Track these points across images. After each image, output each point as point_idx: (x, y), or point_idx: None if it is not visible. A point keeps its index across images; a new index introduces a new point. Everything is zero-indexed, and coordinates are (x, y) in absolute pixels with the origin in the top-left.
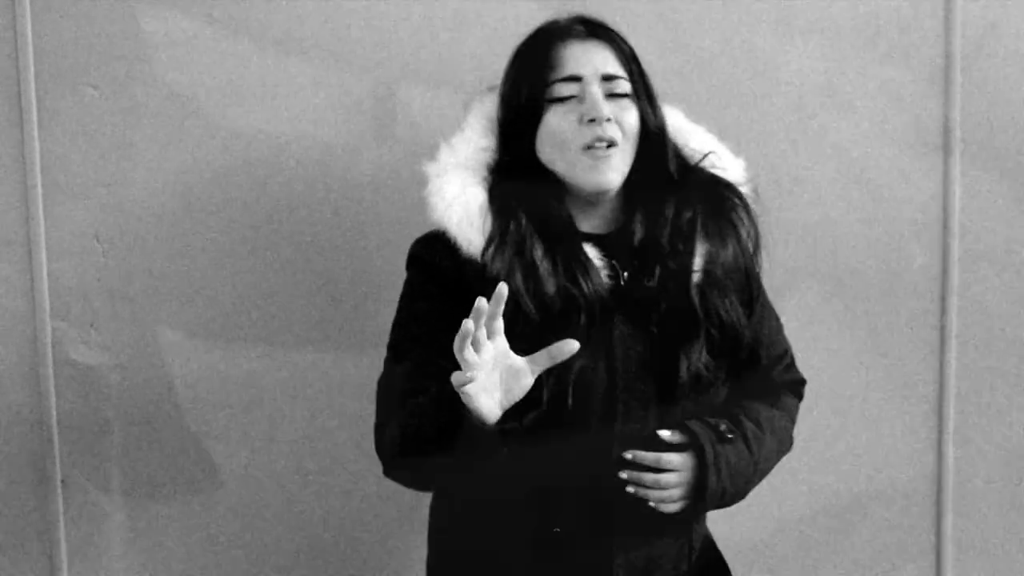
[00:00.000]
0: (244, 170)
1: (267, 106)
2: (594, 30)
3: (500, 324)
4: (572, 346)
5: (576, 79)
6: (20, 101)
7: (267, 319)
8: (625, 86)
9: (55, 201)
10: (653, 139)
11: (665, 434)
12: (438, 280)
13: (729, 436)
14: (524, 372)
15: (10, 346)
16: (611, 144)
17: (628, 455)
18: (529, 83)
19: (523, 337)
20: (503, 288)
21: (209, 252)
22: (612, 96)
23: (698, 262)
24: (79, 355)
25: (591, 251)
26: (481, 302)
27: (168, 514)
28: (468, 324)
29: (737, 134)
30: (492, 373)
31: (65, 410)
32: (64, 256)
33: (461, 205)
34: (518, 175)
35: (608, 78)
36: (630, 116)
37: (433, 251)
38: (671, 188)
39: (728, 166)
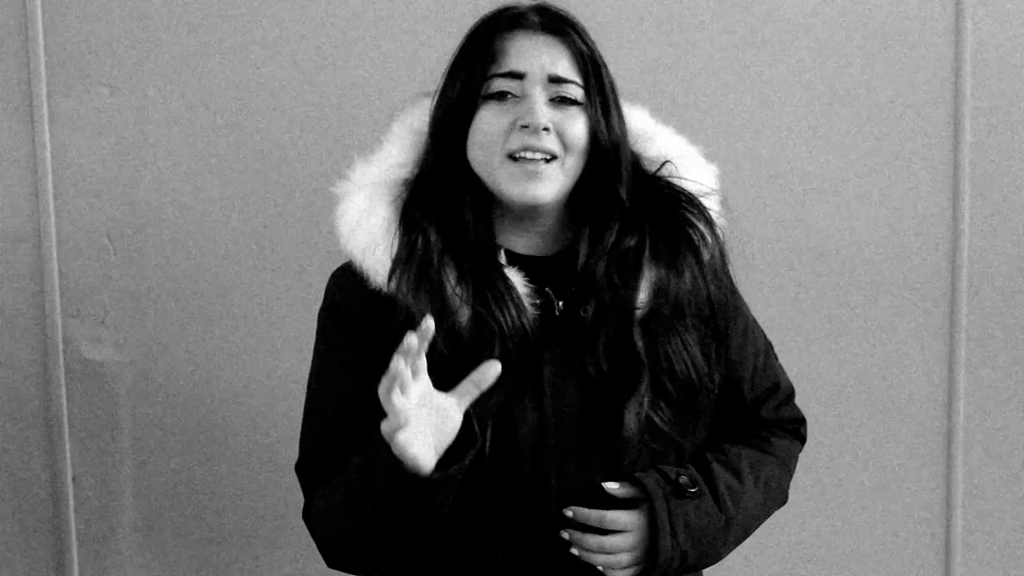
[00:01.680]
0: (255, 169)
1: (279, 105)
2: (550, 23)
3: (424, 362)
4: (495, 368)
5: (518, 76)
6: (31, 100)
7: (278, 317)
8: (575, 91)
9: (66, 199)
10: (604, 155)
11: (611, 487)
12: (349, 323)
13: (691, 490)
14: (451, 408)
15: (21, 343)
16: (551, 157)
17: (568, 512)
18: (465, 74)
19: (434, 376)
20: (429, 324)
21: (220, 250)
22: (559, 101)
23: (643, 296)
24: (90, 352)
25: (515, 275)
26: (411, 339)
27: (178, 512)
28: (399, 365)
29: (746, 138)
30: (420, 417)
31: (76, 407)
32: (75, 254)
33: (365, 230)
34: (441, 184)
35: (556, 80)
36: (576, 127)
37: (343, 287)
38: (618, 210)
39: (692, 174)
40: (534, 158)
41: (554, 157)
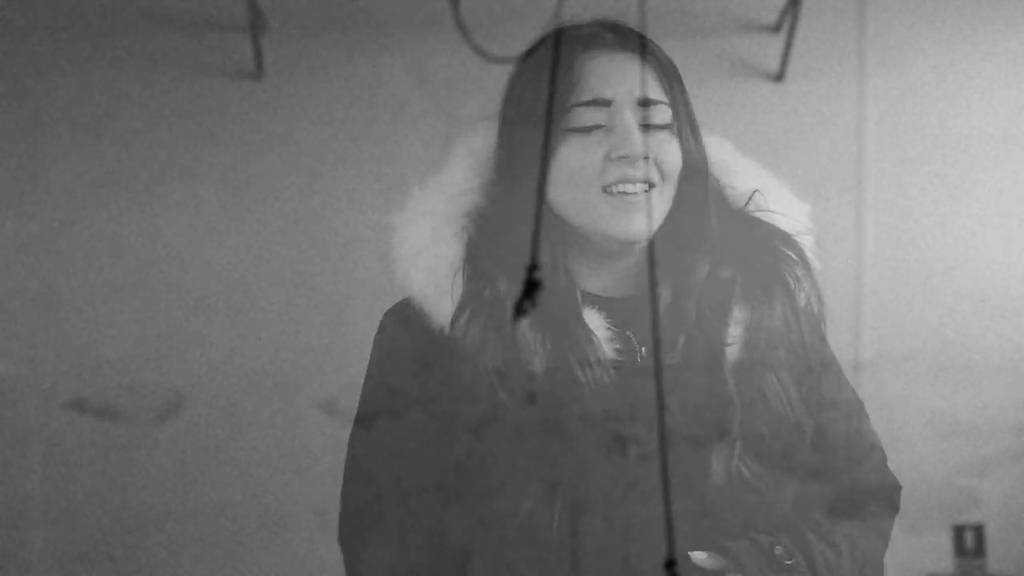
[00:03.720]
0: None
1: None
2: (628, 39)
3: None
4: None
5: (604, 103)
6: None
7: (196, 327)
8: (666, 114)
9: None
10: (695, 180)
11: (699, 557)
12: (404, 370)
13: (788, 562)
14: None
15: None
16: (650, 186)
17: None
18: (539, 106)
19: (505, 430)
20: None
21: (133, 259)
22: (649, 127)
23: (734, 331)
24: None
25: (595, 318)
26: None
27: (90, 531)
28: None
29: None
30: None
31: None
32: None
33: (427, 263)
34: (512, 226)
35: (645, 103)
36: (671, 152)
37: (397, 328)
38: (709, 240)
39: (784, 210)
40: (635, 190)
41: (652, 185)
